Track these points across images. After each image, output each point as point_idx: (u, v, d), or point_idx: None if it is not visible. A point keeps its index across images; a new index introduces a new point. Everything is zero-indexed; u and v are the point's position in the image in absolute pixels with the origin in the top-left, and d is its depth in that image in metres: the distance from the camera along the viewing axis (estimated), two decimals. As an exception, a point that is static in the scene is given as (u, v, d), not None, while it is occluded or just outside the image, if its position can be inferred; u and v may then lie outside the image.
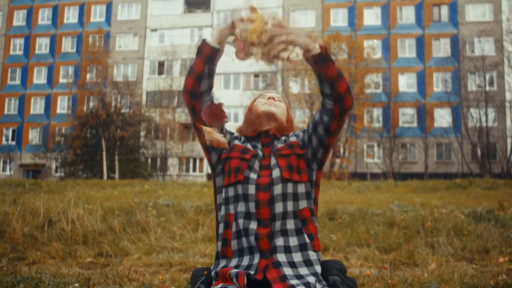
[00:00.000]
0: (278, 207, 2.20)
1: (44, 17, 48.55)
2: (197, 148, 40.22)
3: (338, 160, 38.58)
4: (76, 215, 6.12)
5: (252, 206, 2.21)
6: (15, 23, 48.84)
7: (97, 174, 38.45)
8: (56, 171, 43.07)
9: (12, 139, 46.69)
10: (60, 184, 22.06)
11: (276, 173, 2.24)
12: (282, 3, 44.48)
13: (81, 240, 5.62)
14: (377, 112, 41.21)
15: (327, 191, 19.57)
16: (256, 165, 2.29)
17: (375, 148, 41.41)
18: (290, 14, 43.95)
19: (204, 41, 2.42)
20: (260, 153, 2.35)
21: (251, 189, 2.22)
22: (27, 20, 48.60)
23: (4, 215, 6.02)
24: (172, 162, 42.59)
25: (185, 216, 7.59)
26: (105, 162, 38.52)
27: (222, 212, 2.32)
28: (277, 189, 2.21)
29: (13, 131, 46.84)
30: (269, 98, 2.55)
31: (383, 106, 40.99)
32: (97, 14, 47.66)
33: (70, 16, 48.09)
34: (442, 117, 40.36)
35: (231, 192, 2.28)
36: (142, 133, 42.87)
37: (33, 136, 46.44)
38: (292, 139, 2.41)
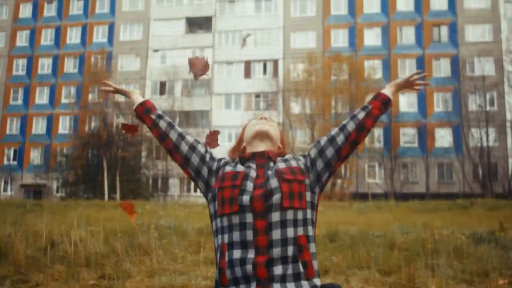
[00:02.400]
0: (276, 234, 2.17)
1: (46, 37, 48.89)
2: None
3: (339, 181, 38.55)
4: (79, 237, 6.15)
5: (249, 234, 2.18)
6: (18, 43, 49.19)
7: (98, 195, 38.39)
8: (57, 191, 43.04)
9: (14, 159, 46.71)
10: (62, 204, 22.05)
11: (276, 198, 2.20)
12: (283, 24, 44.79)
13: (84, 262, 5.64)
14: (378, 132, 41.27)
15: (328, 211, 19.53)
16: (250, 186, 2.25)
17: (376, 168, 41.39)
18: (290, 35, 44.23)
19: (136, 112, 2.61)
20: (253, 173, 2.31)
21: (248, 217, 2.19)
22: (30, 41, 48.94)
23: (7, 237, 6.05)
24: (173, 182, 42.57)
25: (187, 238, 7.60)
26: (106, 182, 38.50)
27: (218, 240, 2.31)
28: (276, 216, 2.19)
29: (15, 151, 46.90)
30: (261, 118, 2.57)
31: (384, 126, 41.06)
32: (99, 35, 47.99)
33: (73, 36, 48.43)
34: (443, 137, 40.40)
35: (225, 221, 2.25)
36: (144, 153, 42.91)
37: (35, 156, 46.48)
38: (293, 163, 2.38)
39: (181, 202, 27.95)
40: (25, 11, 49.86)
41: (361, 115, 2.44)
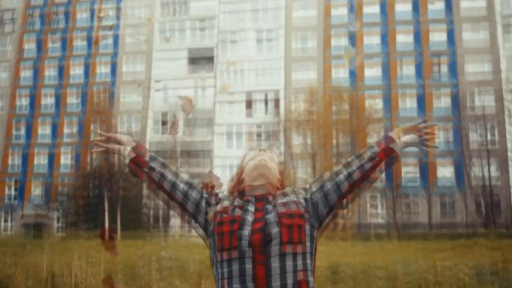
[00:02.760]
0: (276, 280, 2.16)
1: (50, 75, 49.29)
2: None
3: (341, 220, 38.20)
4: (79, 268, 6.10)
5: (248, 279, 2.17)
6: (22, 81, 49.53)
7: (99, 227, 38.07)
8: (58, 231, 42.74)
9: (14, 198, 46.52)
10: (62, 244, 21.87)
11: (275, 244, 2.19)
12: (284, 57, 45.18)
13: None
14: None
15: (330, 249, 19.33)
16: (247, 231, 2.23)
17: (378, 206, 41.10)
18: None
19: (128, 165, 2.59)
20: (251, 217, 2.28)
21: (248, 263, 2.19)
22: (34, 79, 49.34)
23: (8, 268, 6.00)
24: (175, 222, 42.28)
25: (188, 270, 7.52)
26: (107, 222, 38.28)
27: (218, 275, 2.30)
28: (275, 262, 2.19)
29: (16, 189, 46.75)
30: (260, 159, 2.48)
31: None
32: (102, 69, 48.43)
33: (76, 71, 48.84)
34: (445, 175, 40.27)
35: (224, 267, 2.25)
36: (145, 193, 42.73)
37: (36, 194, 46.29)
38: (293, 206, 2.34)
39: (182, 242, 27.68)
40: (29, 47, 50.40)
41: (367, 166, 2.43)
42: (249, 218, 2.27)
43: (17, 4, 51.86)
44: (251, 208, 2.32)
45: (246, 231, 2.21)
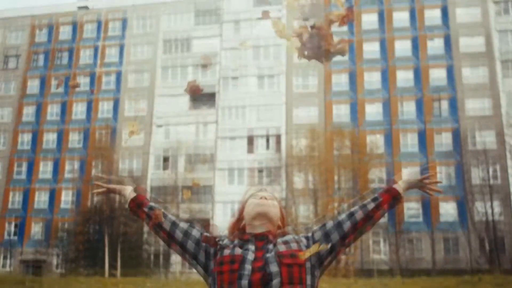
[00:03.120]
0: None
1: (52, 112, 49.63)
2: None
3: (343, 257, 37.90)
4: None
5: None
6: (24, 118, 49.89)
7: (99, 271, 37.77)
8: (57, 267, 42.39)
9: (14, 234, 46.30)
10: (61, 281, 21.66)
11: (275, 283, 2.17)
12: (285, 99, 45.47)
13: None
14: (381, 206, 40.94)
15: (332, 282, 19.12)
16: (248, 270, 2.21)
17: (381, 244, 40.81)
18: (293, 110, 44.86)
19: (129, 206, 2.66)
20: (251, 256, 2.27)
21: None
22: (36, 115, 49.66)
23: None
24: (175, 258, 41.92)
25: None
26: (107, 258, 37.99)
27: None
28: None
29: (16, 225, 46.57)
30: (261, 197, 2.49)
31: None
32: (104, 110, 48.73)
33: (78, 111, 49.17)
34: (448, 211, 40.08)
35: None
36: (146, 229, 42.50)
37: (36, 230, 46.08)
38: (293, 245, 2.34)
39: (183, 279, 27.44)
40: (33, 86, 50.87)
41: (370, 206, 2.46)
42: (249, 257, 2.26)
43: (22, 41, 52.53)
44: (252, 246, 2.31)
45: (246, 270, 2.20)
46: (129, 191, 2.67)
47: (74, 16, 52.51)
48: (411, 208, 41.02)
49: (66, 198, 46.50)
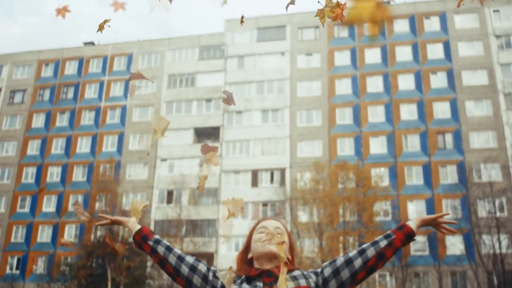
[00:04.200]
0: None
1: (57, 146, 49.91)
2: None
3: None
4: None
5: None
6: (29, 152, 50.12)
7: (102, 306, 37.39)
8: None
9: (17, 268, 46.03)
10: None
11: None
12: (289, 134, 45.60)
13: None
14: (387, 240, 40.62)
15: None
16: None
17: (387, 278, 40.34)
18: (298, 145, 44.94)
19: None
20: (259, 285, 2.24)
21: None
22: (41, 149, 49.90)
23: None
24: (179, 292, 41.50)
25: None
26: (110, 292, 37.60)
27: None
28: None
29: (18, 259, 46.33)
30: (268, 233, 2.41)
31: (393, 234, 40.48)
32: (109, 144, 48.93)
33: (83, 146, 49.40)
34: (454, 245, 39.71)
35: None
36: (149, 263, 42.17)
37: (38, 265, 45.82)
38: (302, 282, 2.29)
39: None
40: (38, 121, 51.24)
41: (382, 243, 2.38)
42: None
43: (28, 76, 53.13)
44: (259, 283, 2.26)
45: None
46: (133, 223, 2.63)
47: (80, 51, 53.23)
48: (417, 242, 40.66)
49: (70, 232, 46.34)
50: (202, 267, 2.40)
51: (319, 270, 2.37)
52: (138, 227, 2.58)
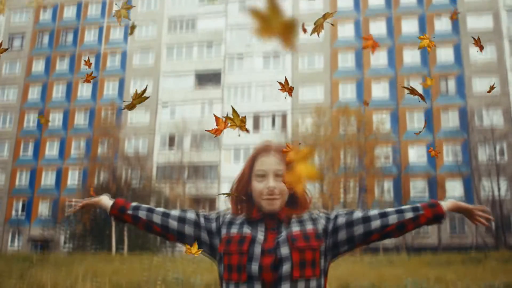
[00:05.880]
0: None
1: (58, 92, 49.68)
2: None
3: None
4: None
5: None
6: (30, 98, 49.94)
7: (106, 248, 38.06)
8: (65, 245, 42.73)
9: (22, 212, 46.69)
10: (68, 258, 21.80)
11: (286, 269, 2.05)
12: (291, 78, 45.30)
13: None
14: (388, 184, 41.02)
15: (339, 265, 19.15)
16: (257, 252, 2.08)
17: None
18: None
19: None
20: (261, 236, 2.13)
21: (257, 278, 2.05)
22: (42, 95, 49.71)
23: (14, 284, 5.92)
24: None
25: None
26: (114, 236, 38.21)
27: None
28: (286, 287, 2.04)
29: (23, 204, 46.92)
30: (268, 188, 2.19)
31: (394, 179, 40.84)
32: (110, 89, 48.71)
33: (84, 91, 49.18)
34: (454, 189, 40.05)
35: (233, 277, 2.09)
36: (152, 204, 42.75)
37: (43, 209, 46.44)
38: (309, 225, 2.18)
39: (189, 256, 27.52)
40: (38, 66, 50.85)
41: (408, 215, 2.20)
42: (260, 238, 2.13)
43: (26, 21, 52.36)
44: (261, 226, 2.18)
45: (256, 253, 2.08)
46: (105, 199, 2.45)
47: (79, -5, 52.28)
48: (417, 186, 41.05)
49: (73, 177, 46.76)
50: (190, 215, 2.30)
51: (332, 215, 2.24)
52: (111, 201, 2.42)
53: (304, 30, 2.38)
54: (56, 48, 51.00)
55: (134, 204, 2.39)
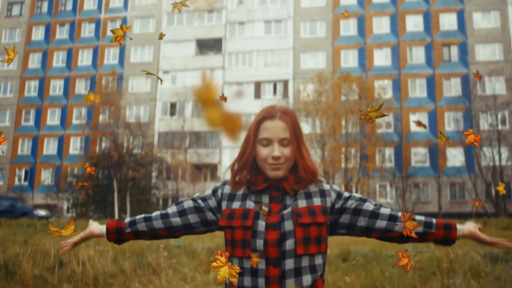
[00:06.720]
0: (290, 283, 2.01)
1: (58, 59, 49.43)
2: (209, 188, 40.14)
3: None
4: (87, 256, 6.07)
5: (261, 282, 2.01)
6: (30, 65, 49.72)
7: (108, 215, 38.39)
8: (68, 212, 43.10)
9: (25, 180, 46.96)
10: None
11: (290, 244, 2.02)
12: (293, 45, 44.98)
13: (92, 282, 5.55)
14: (389, 152, 41.08)
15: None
16: (262, 226, 2.03)
17: (388, 188, 41.11)
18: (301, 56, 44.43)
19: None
20: (265, 209, 2.07)
21: (261, 264, 2.01)
22: (42, 63, 49.48)
23: (15, 256, 5.98)
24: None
25: (197, 258, 7.49)
26: (117, 202, 38.50)
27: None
28: (289, 264, 2.02)
29: (26, 171, 47.15)
30: (273, 157, 2.10)
31: (395, 146, 40.88)
32: (110, 57, 48.44)
33: (84, 58, 48.92)
34: (455, 157, 40.11)
35: (235, 263, 2.03)
36: (154, 174, 42.94)
37: (46, 176, 46.69)
38: (316, 200, 2.11)
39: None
40: (38, 33, 50.47)
41: (417, 229, 2.08)
42: (264, 208, 2.08)
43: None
44: (265, 198, 2.11)
45: (260, 227, 2.04)
46: (96, 228, 2.28)
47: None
48: (418, 153, 41.12)
49: (75, 144, 46.90)
50: (187, 204, 2.22)
51: (345, 194, 2.17)
52: (104, 227, 2.27)
53: None
54: (55, 16, 50.53)
55: (127, 220, 2.28)
